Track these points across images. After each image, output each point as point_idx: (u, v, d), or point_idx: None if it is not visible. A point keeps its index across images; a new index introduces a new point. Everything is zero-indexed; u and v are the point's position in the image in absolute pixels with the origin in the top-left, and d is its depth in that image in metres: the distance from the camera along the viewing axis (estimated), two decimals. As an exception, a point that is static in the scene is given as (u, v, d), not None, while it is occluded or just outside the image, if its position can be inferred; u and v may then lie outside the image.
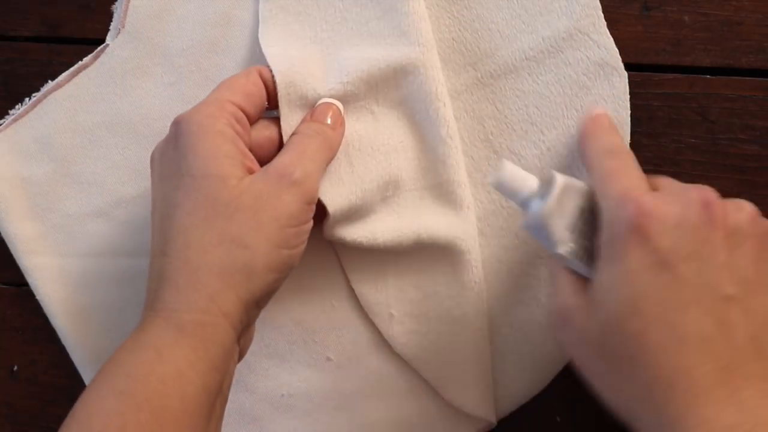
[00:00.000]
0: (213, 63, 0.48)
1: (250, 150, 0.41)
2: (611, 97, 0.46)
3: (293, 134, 0.43)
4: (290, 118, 0.43)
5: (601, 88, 0.46)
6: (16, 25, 0.51)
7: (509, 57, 0.46)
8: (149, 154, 0.42)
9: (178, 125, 0.41)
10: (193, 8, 0.48)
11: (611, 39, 0.46)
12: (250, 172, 0.40)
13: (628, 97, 0.46)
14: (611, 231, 0.37)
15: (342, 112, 0.44)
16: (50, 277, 0.48)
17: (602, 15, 0.46)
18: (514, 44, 0.46)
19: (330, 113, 0.44)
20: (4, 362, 0.51)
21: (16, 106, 0.49)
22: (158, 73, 0.49)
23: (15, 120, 0.49)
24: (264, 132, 0.43)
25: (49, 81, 0.49)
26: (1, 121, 0.49)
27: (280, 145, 0.43)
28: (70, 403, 0.50)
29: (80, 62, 0.49)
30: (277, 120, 0.43)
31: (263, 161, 0.41)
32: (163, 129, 0.48)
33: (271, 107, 0.44)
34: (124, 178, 0.48)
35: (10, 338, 0.51)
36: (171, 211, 0.39)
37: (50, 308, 0.48)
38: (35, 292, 0.48)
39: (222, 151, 0.39)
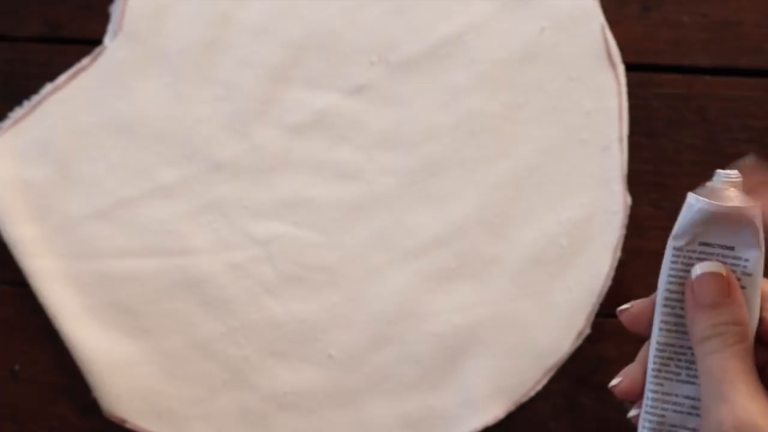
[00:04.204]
0: (211, 63, 0.48)
1: None
2: (607, 89, 0.46)
3: None
4: None
5: (595, 81, 0.46)
6: (16, 25, 0.51)
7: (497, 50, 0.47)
8: (147, 155, 0.41)
9: None
10: (191, 8, 0.48)
11: (607, 28, 0.46)
12: None
13: (626, 89, 0.46)
14: None
15: None
16: (52, 279, 0.48)
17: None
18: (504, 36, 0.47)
19: None
20: (5, 362, 0.50)
21: (15, 109, 0.49)
22: (156, 74, 0.49)
23: (15, 123, 0.49)
24: None
25: (49, 83, 0.49)
26: (1, 123, 0.49)
27: None
28: (71, 403, 0.50)
29: (78, 64, 0.49)
30: None
31: None
32: (161, 130, 0.48)
33: None
34: (124, 179, 0.48)
35: (11, 338, 0.51)
36: None
37: (52, 310, 0.48)
38: (37, 294, 0.48)
39: None
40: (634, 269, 0.47)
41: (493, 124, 0.47)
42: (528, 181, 0.47)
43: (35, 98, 0.49)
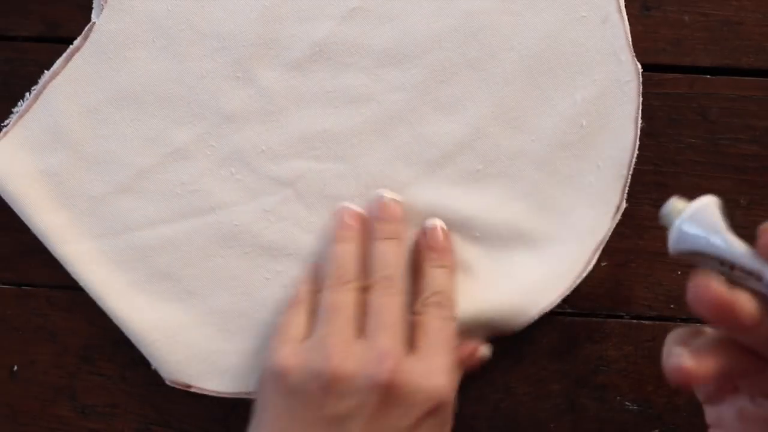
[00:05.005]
0: (201, 17, 0.48)
1: None
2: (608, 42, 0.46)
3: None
4: None
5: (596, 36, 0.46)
6: (16, 24, 0.50)
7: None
8: (157, 122, 0.43)
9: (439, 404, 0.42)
10: None
11: None
12: None
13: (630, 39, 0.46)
14: None
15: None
16: (89, 262, 0.48)
17: None
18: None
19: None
20: (4, 362, 0.50)
21: (19, 103, 0.49)
22: (150, 39, 0.48)
23: (20, 116, 0.49)
24: None
25: (45, 71, 0.49)
26: (6, 121, 0.49)
27: None
28: (70, 403, 0.50)
29: (72, 45, 0.48)
30: None
31: None
32: (166, 94, 0.48)
33: None
34: (139, 149, 0.48)
35: (10, 338, 0.51)
36: None
37: (96, 292, 0.48)
38: (78, 280, 0.48)
39: None
40: (635, 269, 0.47)
41: (491, 20, 0.46)
42: (536, 69, 0.46)
43: (36, 88, 0.49)
